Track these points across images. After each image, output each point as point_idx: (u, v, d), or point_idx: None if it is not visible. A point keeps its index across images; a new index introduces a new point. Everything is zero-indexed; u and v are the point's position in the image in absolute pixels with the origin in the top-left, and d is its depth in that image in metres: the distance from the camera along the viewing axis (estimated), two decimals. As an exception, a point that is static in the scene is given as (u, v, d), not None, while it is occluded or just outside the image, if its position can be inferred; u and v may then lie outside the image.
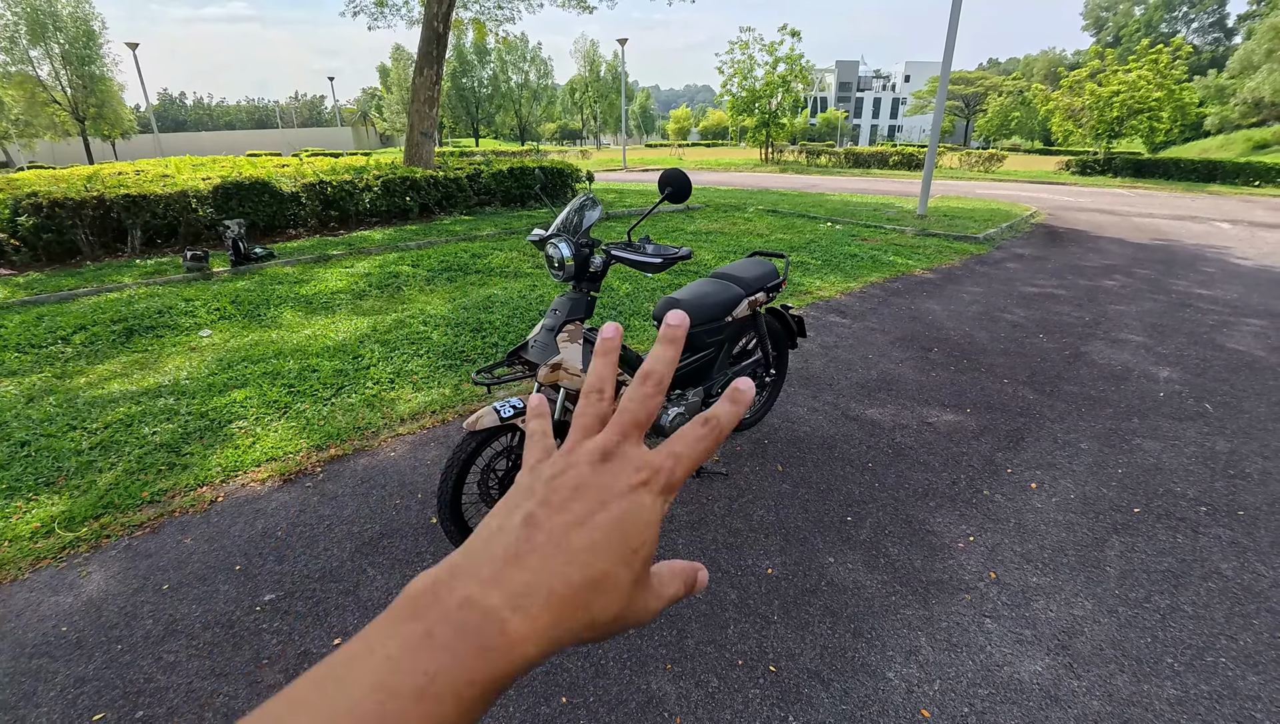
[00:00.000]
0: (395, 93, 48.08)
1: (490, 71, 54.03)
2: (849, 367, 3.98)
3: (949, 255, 7.60)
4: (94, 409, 3.33)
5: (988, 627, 1.91)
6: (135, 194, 6.88)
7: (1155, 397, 3.62)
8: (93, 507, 2.52)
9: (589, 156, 33.39)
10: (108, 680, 1.76)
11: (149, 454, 2.90)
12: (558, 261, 1.92)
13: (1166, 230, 10.46)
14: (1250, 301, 5.79)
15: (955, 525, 2.39)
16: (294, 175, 8.52)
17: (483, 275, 6.14)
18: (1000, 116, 49.39)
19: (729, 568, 2.12)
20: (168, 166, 11.79)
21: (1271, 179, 19.82)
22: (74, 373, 3.91)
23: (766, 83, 26.61)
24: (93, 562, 2.26)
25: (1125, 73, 23.62)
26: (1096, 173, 23.52)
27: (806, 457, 2.86)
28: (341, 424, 3.16)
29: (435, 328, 4.43)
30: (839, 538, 2.29)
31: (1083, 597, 2.05)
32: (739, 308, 2.50)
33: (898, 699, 1.66)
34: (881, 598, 2.01)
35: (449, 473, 1.85)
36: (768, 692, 1.66)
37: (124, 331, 4.52)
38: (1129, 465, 2.86)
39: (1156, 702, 1.68)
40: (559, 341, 1.91)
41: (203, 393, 3.50)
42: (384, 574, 2.11)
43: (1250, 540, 2.35)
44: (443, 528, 1.93)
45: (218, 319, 4.85)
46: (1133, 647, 1.85)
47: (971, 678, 1.73)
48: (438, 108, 10.77)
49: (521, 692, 1.66)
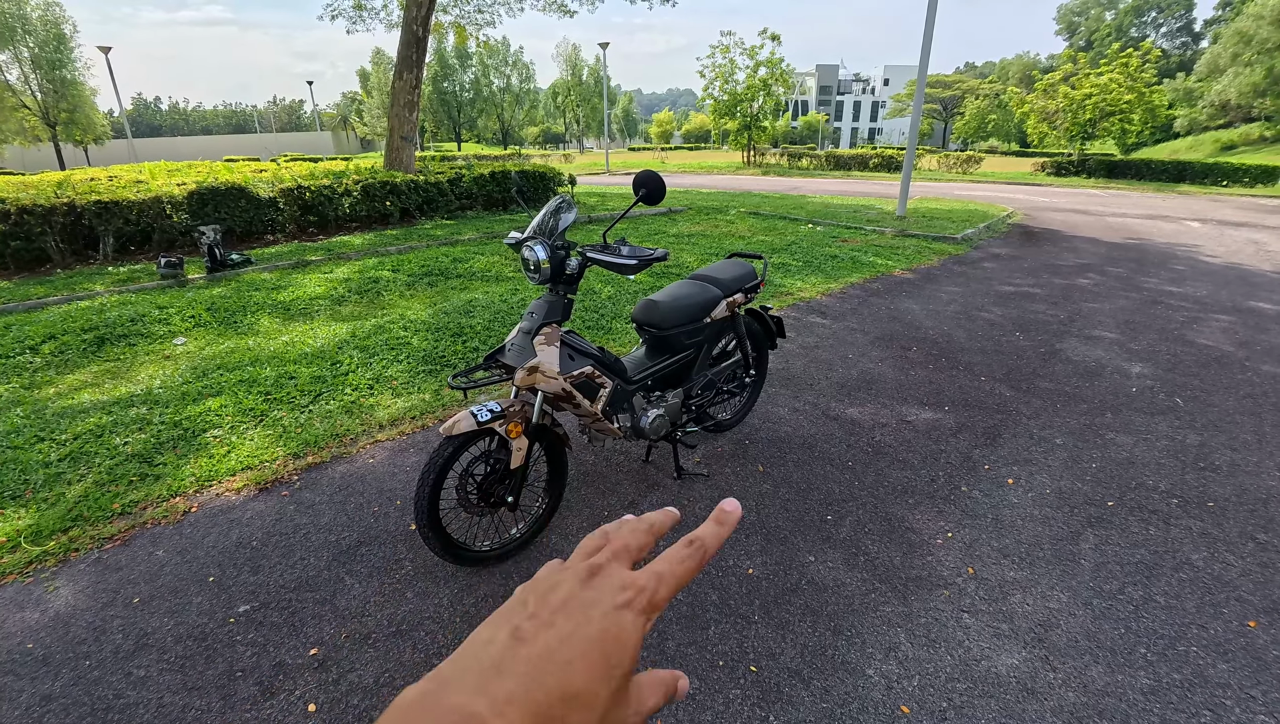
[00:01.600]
0: (375, 97, 47.67)
1: (472, 75, 53.78)
2: (829, 366, 4.01)
3: (928, 256, 7.70)
4: (63, 420, 3.25)
5: (966, 622, 1.93)
6: (107, 200, 6.73)
7: (1128, 392, 3.70)
8: (60, 520, 2.46)
9: (572, 160, 33.37)
10: (75, 698, 1.71)
11: (120, 465, 2.83)
12: (533, 264, 1.91)
13: (1138, 229, 10.70)
14: (1219, 298, 5.94)
15: (934, 522, 2.42)
16: (271, 180, 8.41)
17: (464, 280, 6.10)
18: (978, 119, 50.25)
19: (710, 569, 2.12)
20: (142, 172, 11.54)
21: (1238, 179, 20.39)
22: (42, 383, 3.81)
23: (748, 86, 26.83)
24: (60, 576, 2.20)
25: (1097, 76, 24.17)
26: (1071, 174, 24.02)
27: (787, 456, 2.87)
28: (319, 431, 3.12)
29: (415, 333, 4.39)
30: (819, 537, 2.31)
31: (1058, 590, 2.08)
32: (718, 309, 2.50)
33: (877, 696, 1.67)
34: (861, 595, 2.02)
35: (425, 478, 1.83)
36: (748, 692, 1.66)
37: (95, 340, 4.42)
38: (1103, 460, 2.92)
39: (1130, 692, 1.71)
40: (535, 345, 1.90)
41: (176, 402, 3.42)
42: (361, 582, 2.08)
43: (1220, 531, 2.41)
44: (420, 534, 1.91)
45: (193, 326, 4.76)
46: (1107, 638, 1.89)
47: (950, 673, 1.74)
48: (418, 112, 10.70)
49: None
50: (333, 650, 1.80)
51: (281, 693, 1.67)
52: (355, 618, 1.92)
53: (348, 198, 8.59)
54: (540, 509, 2.18)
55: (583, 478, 2.70)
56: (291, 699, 1.65)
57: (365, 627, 1.89)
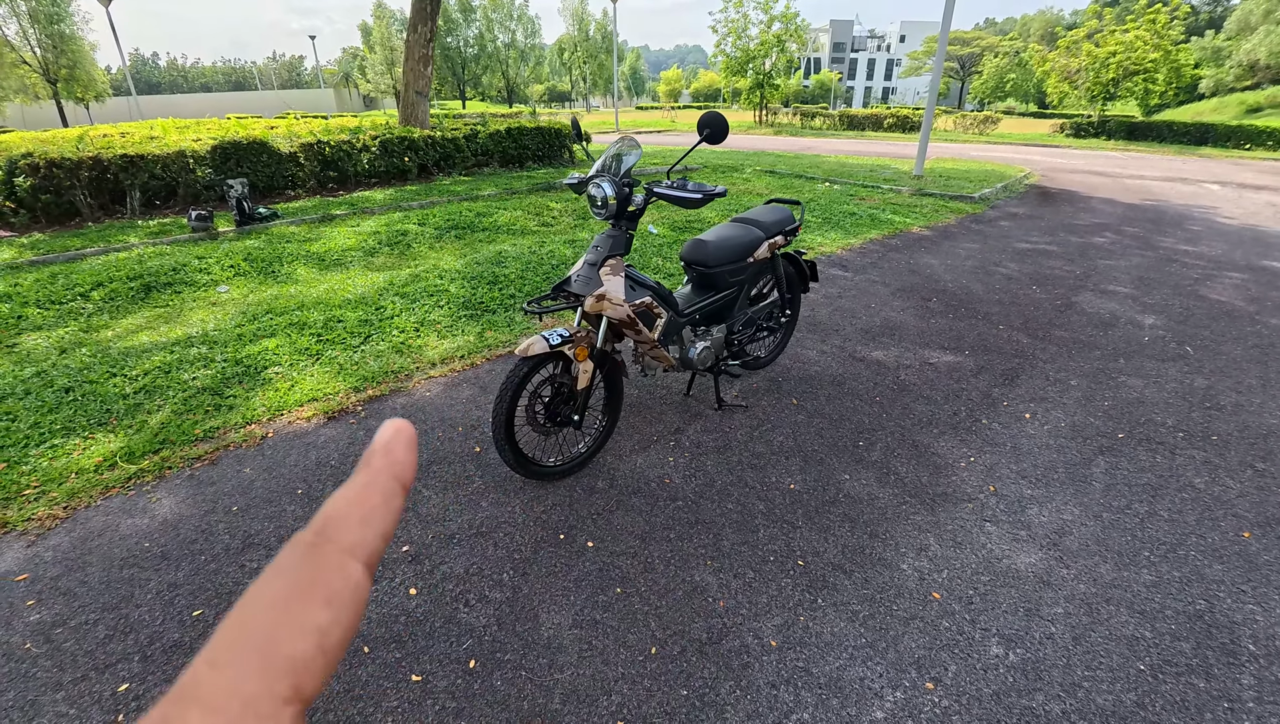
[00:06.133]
0: (379, 52, 46.46)
1: (476, 30, 52.28)
2: (853, 315, 4.16)
3: (945, 214, 7.74)
4: (129, 358, 3.45)
5: (988, 529, 2.14)
6: (133, 154, 6.81)
7: (1140, 341, 3.85)
8: (149, 442, 2.67)
9: (580, 119, 32.71)
10: (199, 584, 1.94)
11: (193, 397, 3.03)
12: (600, 201, 2.06)
13: (1156, 191, 10.63)
14: (1233, 257, 6.01)
15: (957, 449, 2.61)
16: (287, 135, 8.42)
17: (489, 233, 6.21)
18: (996, 78, 48.82)
19: (755, 484, 2.33)
20: (152, 129, 11.52)
21: (1262, 142, 19.95)
22: (99, 327, 4.00)
23: (761, 42, 26.13)
24: (159, 489, 2.42)
25: (1123, 33, 23.41)
26: (1090, 135, 23.53)
27: (819, 392, 3.06)
28: (374, 368, 3.31)
29: (452, 281, 4.54)
30: (852, 459, 2.51)
31: (1071, 505, 2.28)
32: (760, 250, 2.65)
33: (911, 585, 1.88)
34: (893, 507, 2.23)
35: (503, 396, 2.02)
36: (798, 581, 1.88)
37: (142, 287, 4.59)
38: (1115, 399, 3.09)
39: (1135, 584, 1.92)
40: (601, 275, 2.06)
41: (233, 342, 3.61)
42: (438, 494, 2.29)
43: (1221, 460, 2.59)
44: (497, 447, 2.11)
45: (233, 276, 4.92)
46: (1115, 543, 2.09)
47: (975, 568, 1.96)
48: (432, 66, 10.57)
49: (579, 583, 1.86)
50: (422, 548, 2.03)
51: (383, 579, 1.90)
52: (438, 522, 2.14)
53: (366, 154, 8.62)
54: (600, 427, 2.38)
55: (630, 408, 2.90)
56: (394, 585, 1.88)
57: (448, 529, 2.11)
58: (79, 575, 1.95)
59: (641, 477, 2.38)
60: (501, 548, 2.02)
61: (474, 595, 1.82)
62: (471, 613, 1.76)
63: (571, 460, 2.32)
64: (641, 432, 2.68)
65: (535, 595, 1.82)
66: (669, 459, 2.49)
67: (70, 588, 1.90)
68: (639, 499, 2.24)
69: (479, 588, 1.85)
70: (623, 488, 2.31)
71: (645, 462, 2.47)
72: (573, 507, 2.20)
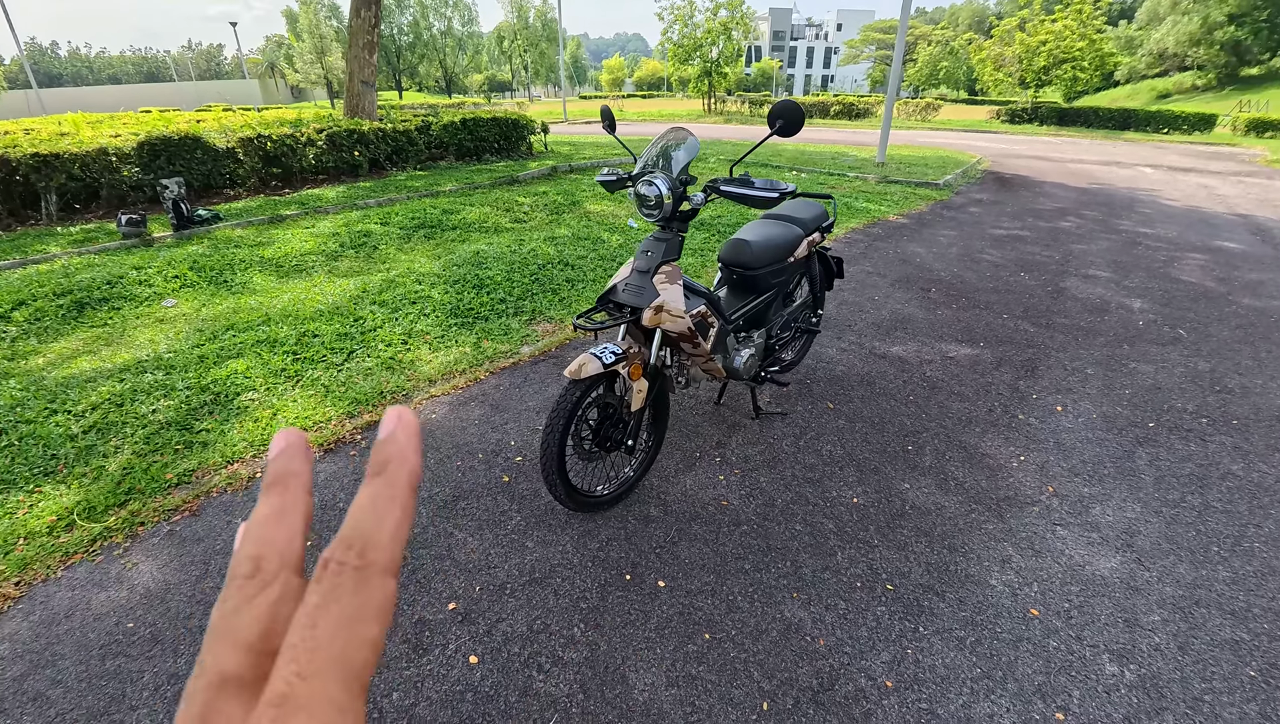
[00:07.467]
0: (307, 41, 43.72)
1: (410, 17, 50.04)
2: (860, 308, 4.09)
3: (915, 201, 7.84)
4: (70, 390, 2.99)
5: (1060, 534, 2.07)
6: (46, 153, 6.04)
7: (1136, 325, 3.93)
8: (112, 494, 2.29)
9: (525, 109, 31.87)
10: (204, 667, 1.63)
11: (156, 434, 2.64)
12: (654, 200, 1.84)
13: (1099, 175, 11.16)
14: (1188, 238, 6.32)
15: (1004, 448, 2.55)
16: (221, 130, 7.70)
17: (460, 231, 5.84)
18: (929, 66, 50.57)
19: (817, 500, 2.19)
20: (61, 125, 10.35)
21: (1178, 126, 21.41)
22: (27, 353, 3.48)
23: (707, 30, 26.05)
24: (133, 552, 2.07)
25: (1051, 23, 24.57)
26: (1024, 121, 24.66)
27: (851, 393, 2.95)
28: (365, 389, 2.98)
29: (433, 286, 4.20)
30: (907, 466, 2.40)
31: (1130, 502, 2.24)
32: (800, 249, 2.49)
33: (1006, 603, 1.78)
34: (963, 517, 2.13)
35: (554, 425, 1.78)
36: (892, 608, 1.75)
37: (73, 305, 4.04)
38: (1133, 386, 3.11)
39: (1216, 583, 1.88)
40: (657, 284, 1.84)
41: (194, 366, 3.20)
42: (474, 536, 2.04)
43: (1249, 444, 2.63)
44: (546, 482, 1.87)
45: (180, 287, 4.41)
46: (1183, 540, 2.06)
47: (1062, 578, 1.87)
48: (377, 53, 9.92)
49: (662, 632, 1.67)
50: (471, 604, 1.78)
51: (435, 648, 1.64)
52: (482, 571, 1.89)
53: (312, 148, 7.99)
54: (646, 446, 2.17)
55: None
56: (449, 654, 1.62)
57: (496, 578, 1.86)
58: (49, 673, 1.61)
59: (695, 500, 2.19)
60: (563, 596, 1.79)
61: (546, 658, 1.60)
62: (549, 680, 1.54)
63: (621, 486, 2.11)
64: (682, 447, 2.49)
65: (616, 651, 1.61)
66: (719, 477, 2.31)
67: (40, 691, 1.56)
68: (700, 527, 2.06)
69: (550, 648, 1.62)
70: (679, 515, 2.11)
71: (694, 482, 2.29)
72: (630, 540, 2.00)
